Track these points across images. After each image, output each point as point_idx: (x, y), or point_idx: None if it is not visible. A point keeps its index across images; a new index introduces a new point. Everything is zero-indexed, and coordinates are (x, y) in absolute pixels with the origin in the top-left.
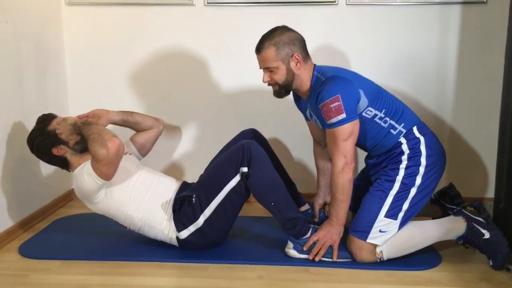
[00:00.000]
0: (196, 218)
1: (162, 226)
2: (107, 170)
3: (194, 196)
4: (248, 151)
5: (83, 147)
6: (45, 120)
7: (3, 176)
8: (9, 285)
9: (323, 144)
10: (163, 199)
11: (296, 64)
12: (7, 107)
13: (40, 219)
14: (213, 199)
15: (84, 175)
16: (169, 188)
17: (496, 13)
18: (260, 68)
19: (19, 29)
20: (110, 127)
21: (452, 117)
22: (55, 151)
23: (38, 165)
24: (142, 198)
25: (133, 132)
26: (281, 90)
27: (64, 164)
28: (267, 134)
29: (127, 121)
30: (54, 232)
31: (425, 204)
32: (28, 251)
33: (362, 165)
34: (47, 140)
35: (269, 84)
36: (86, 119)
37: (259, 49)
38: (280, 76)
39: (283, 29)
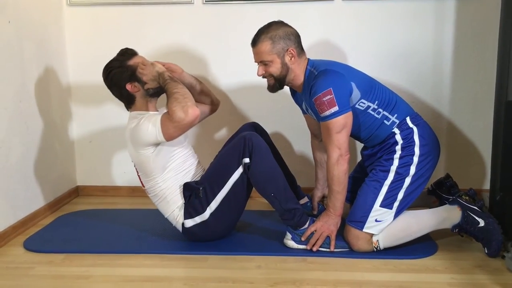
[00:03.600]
0: (203, 210)
1: (175, 208)
2: (174, 132)
3: (201, 189)
4: (250, 142)
5: (154, 93)
6: (127, 53)
7: (8, 174)
8: (14, 277)
9: (320, 137)
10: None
11: (291, 59)
12: (10, 107)
13: (45, 215)
14: (218, 192)
15: (150, 124)
16: (195, 174)
17: (491, 6)
18: (256, 61)
19: (22, 29)
20: None
21: (449, 110)
22: (129, 86)
23: (43, 164)
24: (175, 173)
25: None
26: (275, 84)
27: (130, 101)
28: (267, 129)
29: (193, 87)
30: (58, 228)
31: (420, 193)
32: (33, 245)
33: (359, 157)
34: (125, 73)
35: (263, 77)
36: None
37: (255, 42)
38: (275, 70)
39: (279, 23)
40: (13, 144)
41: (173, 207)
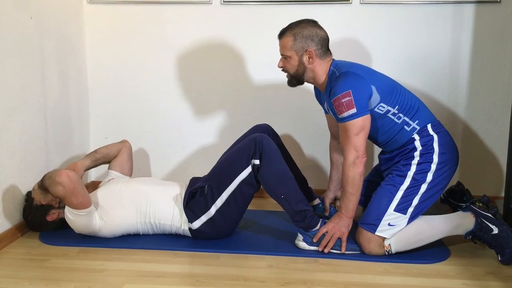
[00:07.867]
0: (208, 208)
1: (173, 221)
2: (77, 200)
3: (206, 186)
4: (260, 144)
5: None
6: (29, 198)
7: (24, 168)
8: (30, 268)
9: (339, 138)
10: (168, 196)
11: (309, 59)
12: (30, 101)
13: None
14: (224, 190)
15: (69, 216)
16: (173, 185)
17: (509, 12)
18: (280, 53)
19: (43, 26)
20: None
21: (465, 115)
22: (49, 218)
23: (59, 158)
24: (141, 203)
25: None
26: (292, 80)
27: (64, 223)
28: (280, 130)
29: (96, 159)
30: None
31: (435, 201)
32: (49, 238)
33: (375, 162)
34: (38, 213)
35: (282, 70)
36: None
37: (280, 35)
38: (292, 66)
39: (308, 22)
40: (31, 138)
41: (170, 222)
